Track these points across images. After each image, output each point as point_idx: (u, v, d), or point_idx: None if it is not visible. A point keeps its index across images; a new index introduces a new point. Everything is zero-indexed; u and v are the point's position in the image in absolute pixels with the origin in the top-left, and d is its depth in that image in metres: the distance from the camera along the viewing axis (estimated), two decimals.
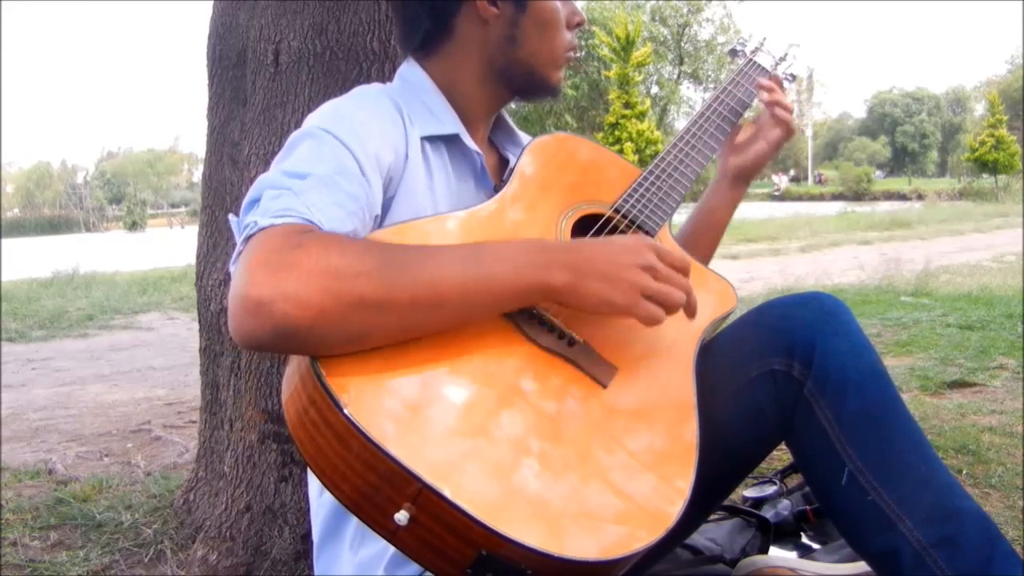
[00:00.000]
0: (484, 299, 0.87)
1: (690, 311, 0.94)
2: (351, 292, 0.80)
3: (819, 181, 50.65)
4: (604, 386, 0.93)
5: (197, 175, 62.93)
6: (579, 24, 1.17)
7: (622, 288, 0.89)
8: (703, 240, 1.33)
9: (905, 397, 1.73)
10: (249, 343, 0.80)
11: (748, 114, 1.32)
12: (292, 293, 0.78)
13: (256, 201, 0.89)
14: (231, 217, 0.93)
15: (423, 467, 0.76)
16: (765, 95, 1.28)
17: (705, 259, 1.31)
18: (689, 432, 0.93)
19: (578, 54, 1.22)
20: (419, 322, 0.85)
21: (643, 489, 0.86)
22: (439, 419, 0.82)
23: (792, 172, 60.35)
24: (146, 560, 1.78)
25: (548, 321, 0.94)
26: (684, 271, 0.94)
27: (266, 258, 0.80)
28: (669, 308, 0.91)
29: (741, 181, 1.33)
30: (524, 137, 1.26)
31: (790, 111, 1.28)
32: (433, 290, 0.84)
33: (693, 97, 33.68)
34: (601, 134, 22.53)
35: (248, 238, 0.85)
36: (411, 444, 0.78)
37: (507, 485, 0.80)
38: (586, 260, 0.89)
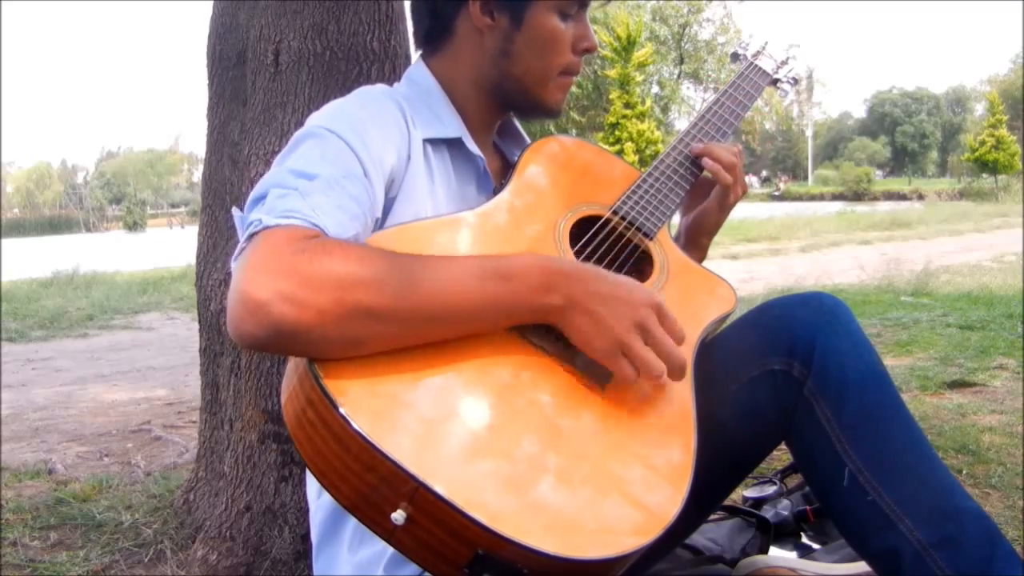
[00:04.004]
0: (485, 316, 0.87)
1: (675, 376, 0.90)
2: (351, 300, 0.80)
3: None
4: (602, 388, 0.92)
5: (197, 175, 62.92)
6: (587, 50, 1.13)
7: (606, 337, 0.88)
8: None
9: (905, 397, 1.71)
10: (246, 342, 0.80)
11: (748, 114, 1.32)
12: (291, 296, 0.78)
13: (262, 198, 0.89)
14: (234, 211, 0.93)
15: (419, 466, 0.76)
16: (707, 159, 1.17)
17: None
18: (687, 432, 0.93)
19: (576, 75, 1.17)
20: (417, 333, 0.85)
21: (640, 489, 0.86)
22: (436, 419, 0.82)
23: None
24: (146, 560, 1.78)
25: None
26: (679, 339, 0.91)
27: (268, 259, 0.80)
28: (644, 376, 0.89)
29: (692, 241, 1.23)
30: (530, 141, 1.25)
31: (729, 168, 1.16)
32: (434, 304, 0.84)
33: (693, 97, 33.71)
34: (601, 134, 22.55)
35: (251, 236, 0.85)
36: (407, 444, 0.78)
37: (503, 484, 0.80)
38: (585, 294, 0.88)
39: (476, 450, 0.81)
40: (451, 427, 0.82)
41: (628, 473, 0.87)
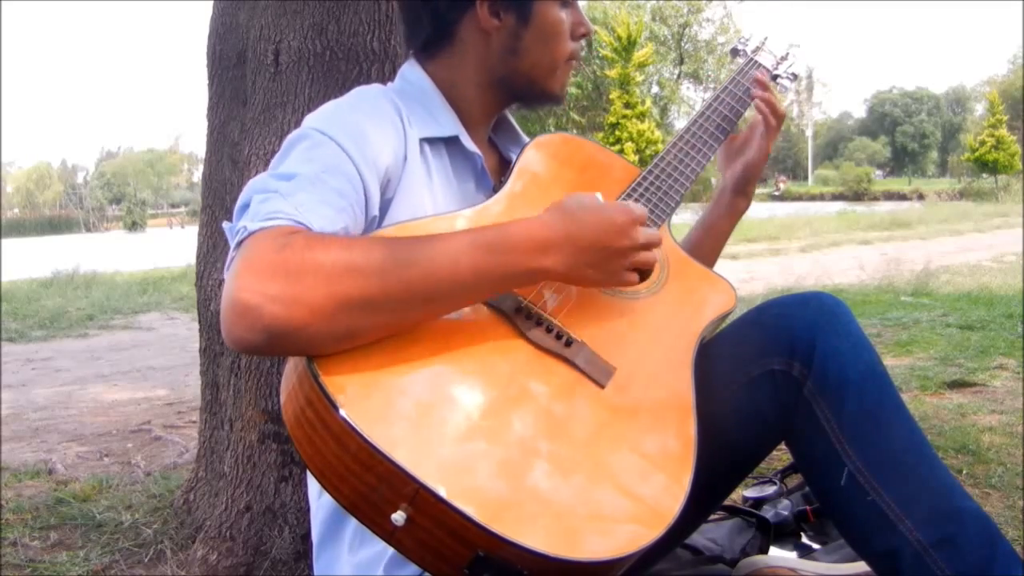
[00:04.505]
0: (480, 288, 0.88)
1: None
2: (341, 291, 0.80)
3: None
4: (602, 386, 0.93)
5: (197, 175, 62.92)
6: (584, 35, 1.15)
7: (611, 272, 0.94)
8: (704, 248, 1.31)
9: (905, 397, 1.71)
10: (242, 347, 0.80)
11: (748, 112, 1.32)
12: (280, 296, 0.78)
13: (246, 206, 0.90)
14: (225, 224, 0.93)
15: (420, 468, 0.76)
16: (758, 91, 1.27)
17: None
18: (687, 431, 0.93)
19: (580, 62, 1.21)
20: (413, 314, 0.85)
21: (641, 488, 0.86)
22: (435, 420, 0.82)
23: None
24: (146, 560, 1.78)
25: (545, 320, 0.94)
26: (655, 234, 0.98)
27: (254, 262, 0.80)
28: (645, 274, 0.97)
29: (739, 190, 1.30)
30: (525, 138, 1.25)
31: (772, 106, 1.26)
32: (428, 283, 0.84)
33: (693, 97, 33.70)
34: (601, 134, 22.55)
35: (239, 243, 0.85)
36: (408, 445, 0.78)
37: (504, 486, 0.80)
38: (577, 252, 0.91)
39: (477, 451, 0.81)
40: (452, 428, 0.82)
41: (630, 472, 0.87)
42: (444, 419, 0.82)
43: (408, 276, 0.83)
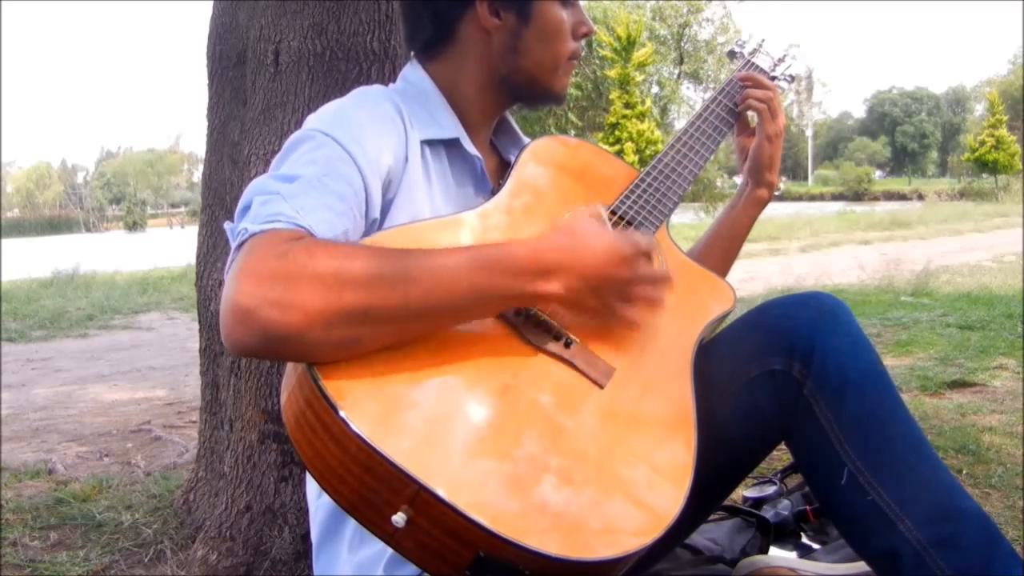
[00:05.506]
0: (479, 307, 0.88)
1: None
2: (339, 300, 0.79)
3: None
4: (601, 387, 0.93)
5: (197, 175, 62.94)
6: (586, 35, 1.15)
7: (611, 303, 0.94)
8: (718, 245, 1.30)
9: (905, 397, 1.71)
10: (239, 350, 0.80)
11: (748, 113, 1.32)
12: (277, 301, 0.78)
13: (247, 207, 0.89)
14: (226, 224, 0.93)
15: (420, 469, 0.76)
16: (746, 90, 1.26)
17: (720, 268, 1.25)
18: (687, 432, 0.93)
19: (580, 59, 1.21)
20: (411, 328, 0.85)
21: (642, 488, 0.86)
22: (436, 421, 0.82)
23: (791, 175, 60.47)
24: (146, 560, 1.78)
25: (545, 322, 0.94)
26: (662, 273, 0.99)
27: (253, 266, 0.80)
28: (649, 308, 0.98)
29: (757, 180, 1.27)
30: (526, 140, 1.25)
31: (764, 101, 1.25)
32: (427, 300, 0.83)
33: (693, 97, 33.64)
34: (601, 134, 22.54)
35: (240, 245, 0.85)
36: (407, 446, 0.78)
37: (504, 486, 0.80)
38: (580, 278, 0.90)
39: (477, 451, 0.81)
40: (451, 429, 0.82)
41: (629, 473, 0.87)
42: (443, 421, 0.82)
43: (407, 292, 0.82)
